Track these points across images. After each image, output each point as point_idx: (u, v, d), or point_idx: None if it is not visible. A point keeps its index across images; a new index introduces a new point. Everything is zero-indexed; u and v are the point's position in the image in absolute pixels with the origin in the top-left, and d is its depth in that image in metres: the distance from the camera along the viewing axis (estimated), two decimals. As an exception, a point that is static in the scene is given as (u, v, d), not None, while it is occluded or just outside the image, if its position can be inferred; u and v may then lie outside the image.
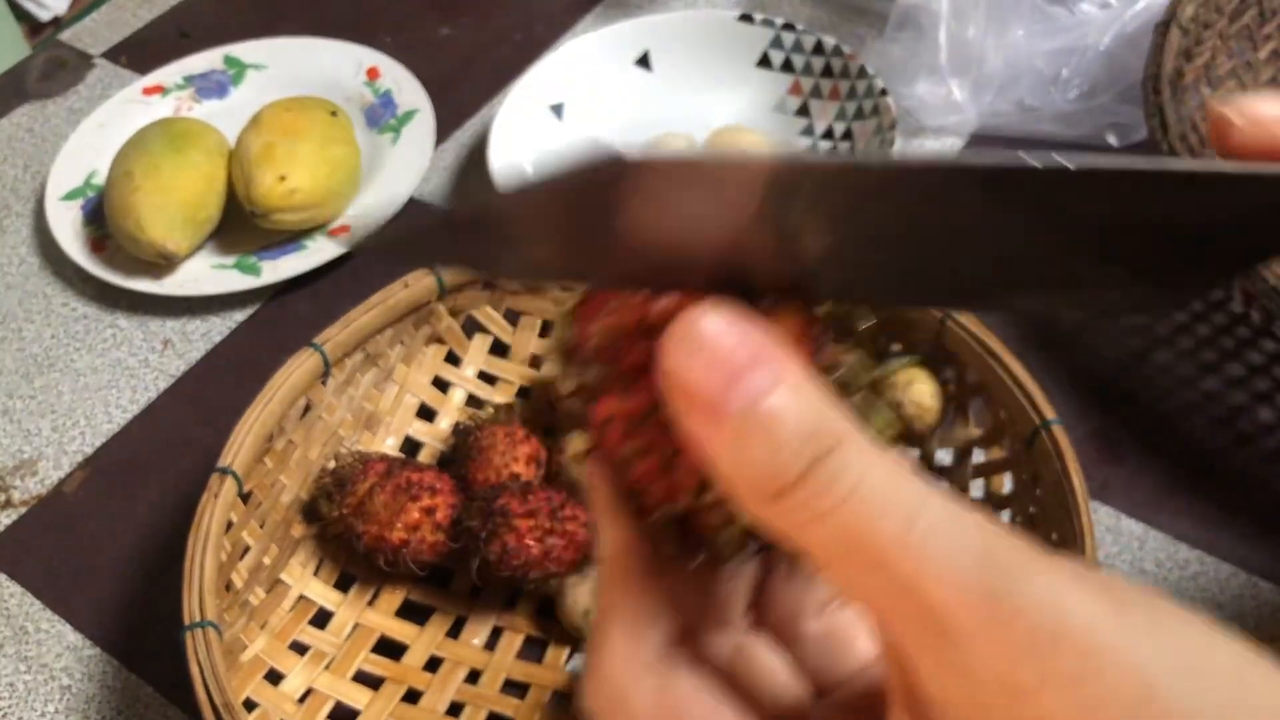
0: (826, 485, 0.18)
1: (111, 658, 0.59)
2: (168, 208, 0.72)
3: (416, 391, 0.64)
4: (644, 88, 0.82)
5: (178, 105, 0.86)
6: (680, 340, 0.19)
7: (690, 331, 0.19)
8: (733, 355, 0.19)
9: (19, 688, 0.58)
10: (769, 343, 0.19)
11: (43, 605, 0.61)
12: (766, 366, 0.19)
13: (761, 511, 0.19)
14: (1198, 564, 0.57)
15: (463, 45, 0.91)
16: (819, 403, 0.19)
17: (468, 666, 0.56)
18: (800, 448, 0.19)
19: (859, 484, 0.18)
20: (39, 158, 0.86)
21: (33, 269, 0.78)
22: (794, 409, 0.19)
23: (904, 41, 0.76)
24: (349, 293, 0.62)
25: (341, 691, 0.55)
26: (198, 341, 0.73)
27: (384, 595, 0.58)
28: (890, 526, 0.18)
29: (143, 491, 0.65)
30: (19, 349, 0.73)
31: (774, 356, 0.19)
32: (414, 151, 0.79)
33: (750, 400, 0.19)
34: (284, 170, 0.72)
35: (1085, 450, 0.61)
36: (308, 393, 0.57)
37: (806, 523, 0.19)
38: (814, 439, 0.19)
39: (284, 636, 0.56)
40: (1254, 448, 0.61)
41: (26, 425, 0.69)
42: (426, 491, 0.56)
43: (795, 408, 0.19)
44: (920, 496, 0.19)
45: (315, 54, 0.88)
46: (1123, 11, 0.74)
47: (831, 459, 0.19)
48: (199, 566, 0.49)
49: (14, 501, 0.66)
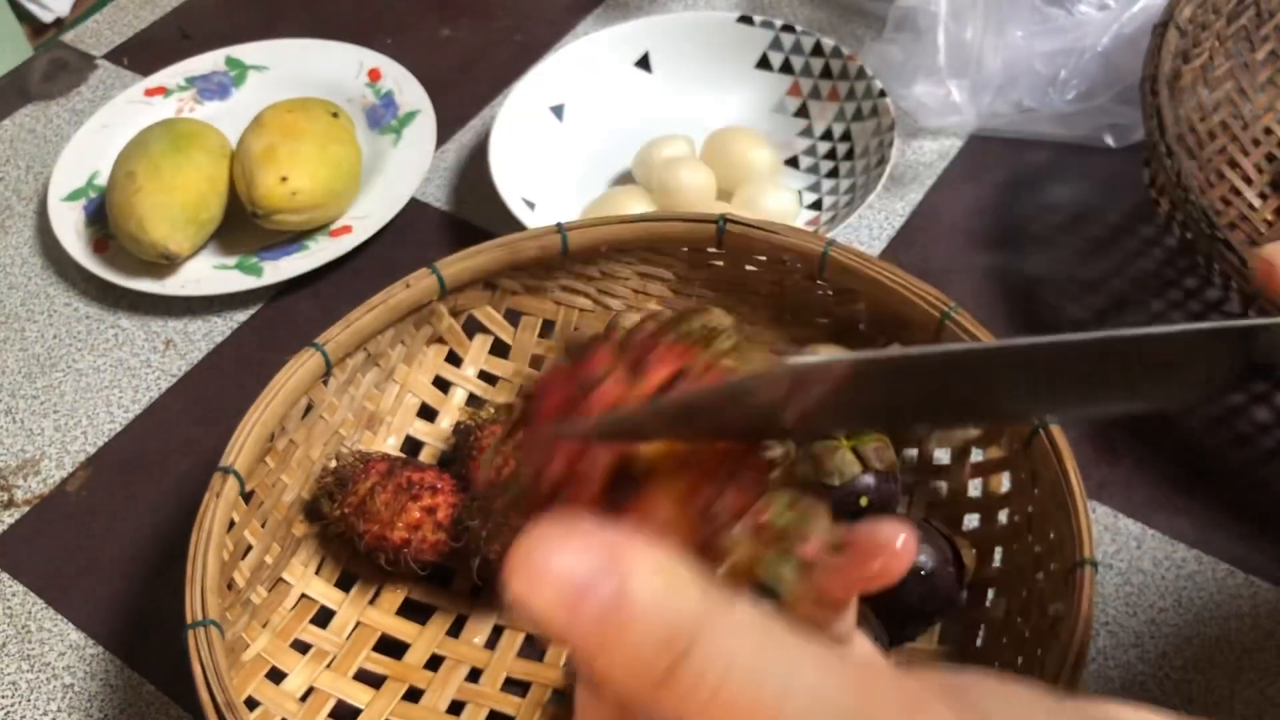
0: (696, 679, 0.19)
1: (114, 656, 0.59)
2: (170, 208, 0.72)
3: (417, 391, 0.64)
4: (644, 89, 0.83)
5: (180, 106, 0.86)
6: (518, 571, 0.19)
7: (526, 561, 0.19)
8: (572, 575, 0.19)
9: (21, 686, 0.58)
10: (613, 544, 0.19)
11: (45, 604, 0.61)
12: (609, 575, 0.19)
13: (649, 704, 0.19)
14: (1195, 563, 0.57)
15: (464, 46, 0.91)
16: (672, 597, 0.19)
17: (469, 665, 0.56)
18: (658, 648, 0.19)
19: (726, 675, 0.19)
20: (41, 158, 0.86)
21: (35, 269, 0.79)
22: (643, 613, 0.19)
23: (902, 43, 0.76)
24: (350, 293, 0.62)
25: (343, 690, 0.55)
26: (199, 341, 0.73)
27: (385, 594, 0.59)
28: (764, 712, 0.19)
29: (144, 491, 0.66)
30: (21, 349, 0.74)
31: (618, 558, 0.19)
32: (415, 152, 0.80)
33: (598, 616, 0.19)
34: (285, 171, 0.72)
35: (1083, 450, 0.61)
36: (309, 392, 0.57)
37: (692, 713, 0.19)
38: (670, 639, 0.19)
39: (286, 635, 0.56)
40: (1251, 448, 0.61)
41: (29, 425, 0.70)
42: (427, 491, 0.56)
43: (645, 611, 0.19)
44: (789, 670, 0.19)
45: (317, 55, 0.88)
46: (1121, 13, 0.74)
47: (694, 652, 0.19)
48: (201, 565, 0.49)
49: (16, 501, 0.66)
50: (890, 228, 0.75)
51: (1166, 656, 0.55)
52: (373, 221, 0.76)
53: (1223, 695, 0.53)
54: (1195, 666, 0.54)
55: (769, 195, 0.73)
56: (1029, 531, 0.52)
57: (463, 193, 0.80)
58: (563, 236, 0.60)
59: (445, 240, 0.77)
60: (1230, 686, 0.53)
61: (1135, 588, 0.57)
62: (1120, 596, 0.57)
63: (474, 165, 0.82)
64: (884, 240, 0.74)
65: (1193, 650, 0.55)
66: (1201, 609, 0.56)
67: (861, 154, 0.75)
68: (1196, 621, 0.56)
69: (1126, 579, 0.57)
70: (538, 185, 0.76)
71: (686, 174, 0.73)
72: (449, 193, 0.80)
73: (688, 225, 0.60)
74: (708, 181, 0.74)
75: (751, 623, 0.19)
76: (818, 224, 0.73)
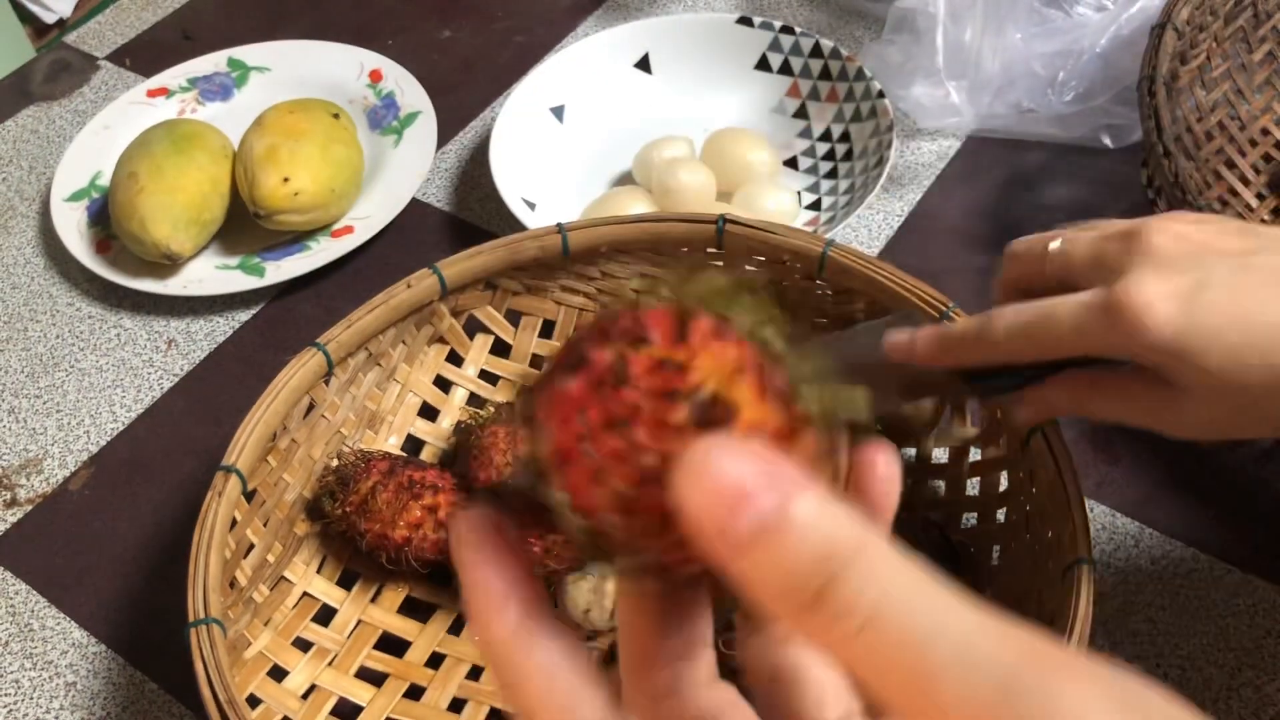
0: (847, 606, 0.18)
1: (116, 655, 0.59)
2: (172, 209, 0.72)
3: (418, 391, 0.64)
4: (644, 90, 0.83)
5: (182, 107, 0.87)
6: (687, 473, 0.19)
7: (695, 463, 0.19)
8: (738, 482, 0.19)
9: (24, 685, 0.59)
10: (777, 464, 0.20)
11: (48, 603, 0.62)
12: (773, 489, 0.19)
13: (793, 627, 0.19)
14: (1192, 561, 0.58)
15: (464, 48, 0.92)
16: (832, 519, 0.19)
17: (470, 663, 0.57)
18: (813, 564, 0.19)
19: (878, 607, 0.18)
20: (44, 159, 0.86)
21: (38, 269, 0.79)
22: (804, 530, 0.19)
23: (901, 44, 0.76)
24: (352, 293, 0.63)
25: (344, 688, 0.55)
26: (201, 341, 0.73)
27: (386, 592, 0.59)
28: (909, 657, 0.18)
29: (146, 490, 0.66)
30: (24, 349, 0.74)
31: (785, 476, 0.19)
32: (416, 153, 0.80)
33: (758, 525, 0.19)
34: (287, 172, 0.73)
35: (1081, 448, 0.62)
36: (311, 392, 0.57)
37: (834, 643, 0.19)
38: (825, 557, 0.19)
39: (287, 633, 0.56)
40: (1249, 447, 0.62)
41: (32, 424, 0.70)
42: (429, 490, 0.56)
43: (804, 526, 0.19)
44: (941, 615, 0.18)
45: (318, 56, 0.88)
46: (1119, 14, 0.74)
47: (848, 575, 0.19)
48: (203, 564, 0.49)
49: (19, 500, 0.66)
50: (889, 228, 0.75)
51: (1164, 655, 0.55)
52: (374, 222, 0.76)
53: (1220, 693, 0.54)
54: (1193, 665, 0.54)
55: (768, 196, 0.73)
56: (1027, 530, 0.53)
57: (463, 193, 0.80)
58: (563, 237, 0.60)
59: (446, 241, 0.77)
60: (1228, 684, 0.54)
61: (1133, 586, 0.57)
62: (1118, 595, 0.57)
63: (475, 166, 0.82)
64: (883, 240, 0.74)
65: (1190, 648, 0.55)
66: (1199, 607, 0.56)
67: (860, 155, 0.75)
68: (1194, 620, 0.56)
69: (1124, 577, 0.58)
70: (538, 186, 0.76)
71: (686, 174, 0.73)
72: (450, 193, 0.81)
73: (687, 226, 0.60)
74: (707, 182, 0.74)
75: (905, 562, 0.19)
76: (817, 224, 0.73)
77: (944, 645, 0.18)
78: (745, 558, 0.19)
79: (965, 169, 0.78)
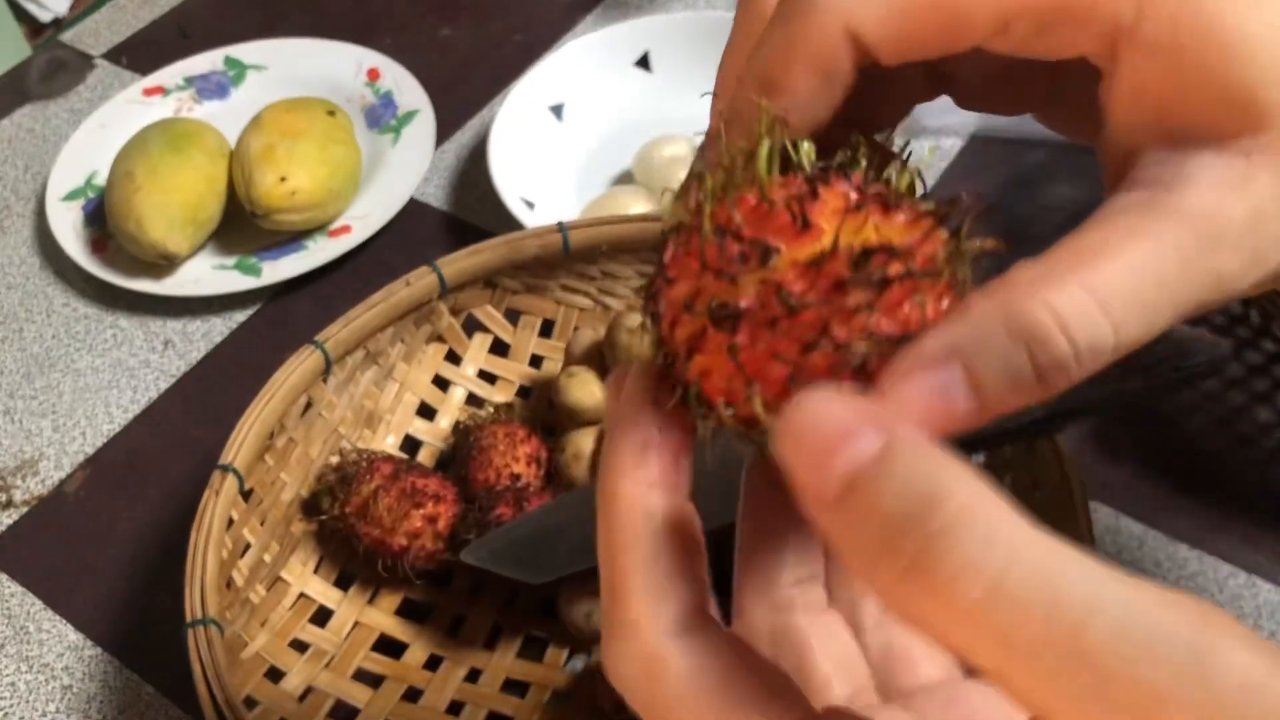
0: (963, 570, 0.16)
1: (112, 657, 0.59)
2: (168, 208, 0.72)
3: (417, 390, 0.64)
4: (644, 89, 0.83)
5: (178, 106, 0.86)
6: (784, 429, 0.18)
7: (793, 422, 0.18)
8: (831, 434, 0.17)
9: (20, 687, 0.58)
10: (874, 411, 0.18)
11: (44, 605, 0.61)
12: (871, 434, 0.17)
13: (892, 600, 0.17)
14: (1196, 563, 0.57)
15: (463, 46, 0.91)
16: (939, 466, 0.17)
17: (468, 665, 0.56)
18: (918, 521, 0.16)
19: (1005, 576, 0.16)
20: (40, 158, 0.86)
21: (33, 269, 0.78)
22: (904, 469, 0.16)
23: (903, 42, 0.76)
24: (349, 293, 0.62)
25: (342, 689, 0.55)
26: (198, 342, 0.73)
27: (384, 593, 0.58)
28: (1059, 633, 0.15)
29: (143, 491, 0.65)
30: (20, 349, 0.74)
31: (889, 421, 0.17)
32: (414, 152, 0.79)
33: (852, 470, 0.17)
34: (284, 171, 0.72)
35: (1085, 451, 0.61)
36: (309, 390, 0.57)
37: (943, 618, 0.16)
38: (933, 511, 0.16)
39: (285, 634, 0.56)
40: (1253, 448, 0.61)
41: (28, 425, 0.69)
42: (431, 499, 0.56)
43: (905, 468, 0.16)
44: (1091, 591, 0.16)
45: (315, 55, 0.88)
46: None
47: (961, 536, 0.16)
48: (201, 563, 0.49)
49: (15, 501, 0.66)
50: (890, 228, 0.74)
51: (1168, 657, 0.54)
52: (372, 221, 0.76)
53: (1225, 695, 0.53)
54: (1197, 667, 0.54)
55: (769, 195, 0.73)
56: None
57: (462, 193, 0.80)
58: (564, 235, 0.60)
59: (444, 240, 0.77)
60: (1232, 687, 0.53)
61: (1137, 588, 0.57)
62: (1122, 596, 0.57)
63: (473, 165, 0.81)
64: (884, 240, 0.74)
65: (1195, 650, 0.55)
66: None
67: (862, 154, 0.75)
68: (1198, 622, 0.55)
69: (1128, 579, 0.57)
70: (537, 185, 0.76)
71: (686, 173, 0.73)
72: (448, 193, 0.80)
73: (688, 224, 0.60)
74: (708, 181, 0.73)
75: (1031, 522, 0.16)
76: (818, 224, 0.73)
77: (1106, 619, 0.15)
78: (837, 510, 0.17)
79: (967, 168, 0.78)
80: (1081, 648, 0.15)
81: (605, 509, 0.22)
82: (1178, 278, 0.20)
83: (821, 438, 0.17)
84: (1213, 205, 0.20)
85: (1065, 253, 0.20)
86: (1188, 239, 0.20)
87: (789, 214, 0.20)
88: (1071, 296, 0.19)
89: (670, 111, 0.81)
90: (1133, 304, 0.20)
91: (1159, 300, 0.20)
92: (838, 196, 0.21)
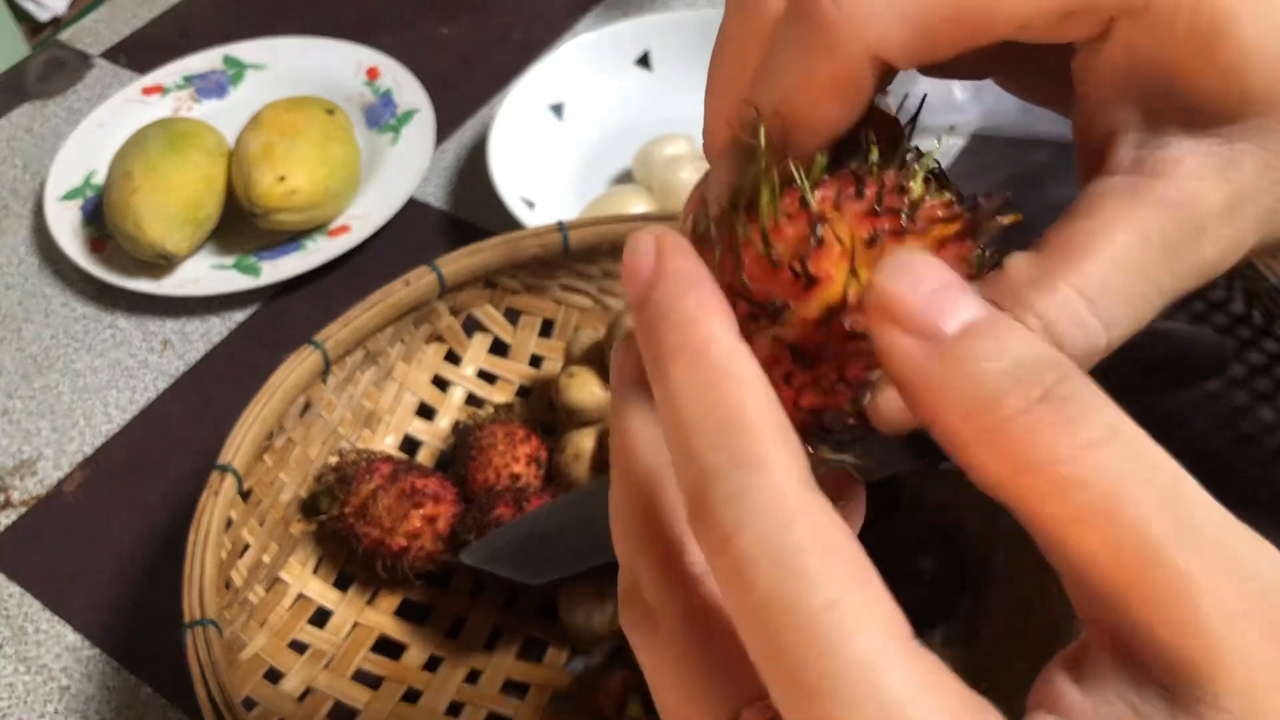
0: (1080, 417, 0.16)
1: (110, 658, 0.59)
2: (167, 208, 0.72)
3: (416, 390, 0.63)
4: (644, 88, 0.82)
5: (177, 105, 0.86)
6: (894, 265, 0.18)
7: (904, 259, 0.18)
8: (944, 278, 0.17)
9: (18, 688, 0.58)
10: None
11: (42, 605, 0.61)
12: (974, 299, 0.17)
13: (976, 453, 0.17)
14: (1199, 564, 0.57)
15: (463, 45, 0.91)
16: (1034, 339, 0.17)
17: (467, 666, 0.56)
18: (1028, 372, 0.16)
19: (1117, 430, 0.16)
20: (38, 158, 0.86)
21: (32, 269, 0.78)
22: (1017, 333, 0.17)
23: (904, 41, 0.75)
24: (348, 293, 0.62)
25: (341, 690, 0.55)
26: (197, 342, 0.72)
27: (383, 594, 0.58)
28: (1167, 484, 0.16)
29: (141, 492, 0.65)
30: (18, 349, 0.73)
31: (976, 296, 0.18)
32: (414, 151, 0.79)
33: (970, 321, 0.17)
34: (283, 170, 0.72)
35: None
36: (308, 390, 0.57)
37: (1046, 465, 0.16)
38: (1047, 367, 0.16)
39: (283, 635, 0.55)
40: (1256, 448, 0.61)
41: (26, 425, 0.69)
42: (430, 500, 0.56)
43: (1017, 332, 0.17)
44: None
45: (315, 54, 0.88)
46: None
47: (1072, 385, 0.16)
48: (199, 564, 0.49)
49: (13, 502, 0.66)
50: (891, 227, 0.74)
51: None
52: (371, 221, 0.75)
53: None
54: (1200, 667, 0.54)
55: (770, 194, 0.73)
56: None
57: (461, 192, 0.80)
58: (564, 235, 0.60)
59: (444, 240, 0.77)
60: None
61: (1139, 588, 0.57)
62: (1124, 597, 0.56)
63: (473, 164, 0.81)
64: (885, 239, 0.74)
65: (1197, 651, 0.54)
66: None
67: (863, 153, 0.75)
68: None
69: (1130, 579, 0.57)
70: (537, 184, 0.76)
71: (687, 173, 0.73)
72: (448, 192, 0.80)
73: (689, 224, 0.59)
74: (708, 180, 0.73)
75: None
76: (819, 223, 0.73)
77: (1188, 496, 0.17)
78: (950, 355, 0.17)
79: (969, 167, 0.77)
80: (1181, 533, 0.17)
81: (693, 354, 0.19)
82: (1162, 269, 0.20)
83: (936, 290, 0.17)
84: (1195, 193, 0.20)
85: (1054, 248, 0.21)
86: (1171, 228, 0.20)
87: (792, 273, 0.20)
88: (1063, 302, 0.20)
89: (670, 111, 0.81)
90: (1120, 300, 0.20)
91: (1146, 293, 0.20)
92: (847, 229, 0.20)
